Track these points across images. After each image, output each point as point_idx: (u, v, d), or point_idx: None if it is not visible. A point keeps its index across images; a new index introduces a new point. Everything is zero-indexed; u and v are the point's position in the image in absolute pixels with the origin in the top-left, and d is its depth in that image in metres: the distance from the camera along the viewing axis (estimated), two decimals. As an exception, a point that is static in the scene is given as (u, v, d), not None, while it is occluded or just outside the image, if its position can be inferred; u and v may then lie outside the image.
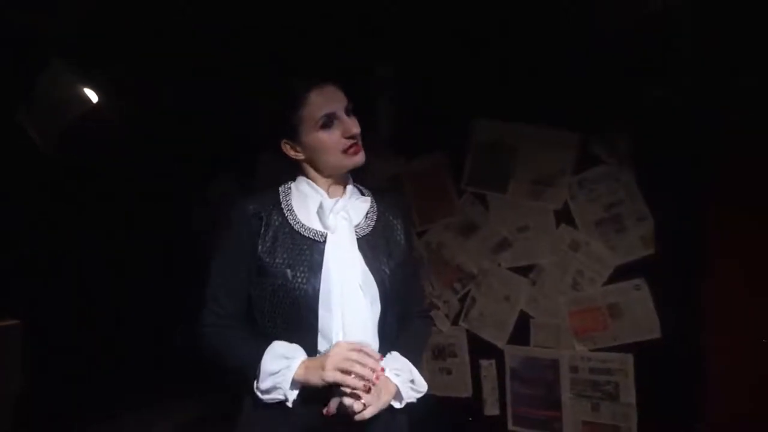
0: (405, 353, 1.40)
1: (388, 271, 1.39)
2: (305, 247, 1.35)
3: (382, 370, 1.29)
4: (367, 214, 1.45)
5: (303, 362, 1.30)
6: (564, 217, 2.59)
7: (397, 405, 1.35)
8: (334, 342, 1.31)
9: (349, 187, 1.47)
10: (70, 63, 2.69)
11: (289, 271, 1.32)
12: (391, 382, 1.33)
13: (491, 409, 2.74)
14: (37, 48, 2.59)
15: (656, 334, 2.45)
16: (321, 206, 1.38)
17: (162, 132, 3.23)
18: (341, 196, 1.43)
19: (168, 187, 3.34)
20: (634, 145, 2.47)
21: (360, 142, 1.39)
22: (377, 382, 1.26)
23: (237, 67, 3.08)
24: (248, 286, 1.37)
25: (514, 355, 2.70)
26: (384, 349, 1.39)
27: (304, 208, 1.40)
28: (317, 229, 1.38)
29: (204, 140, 3.29)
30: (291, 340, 1.33)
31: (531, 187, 2.64)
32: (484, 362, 2.75)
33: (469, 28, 2.64)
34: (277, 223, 1.37)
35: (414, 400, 1.38)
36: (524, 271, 2.67)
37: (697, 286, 2.35)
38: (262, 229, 1.36)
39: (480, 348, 2.76)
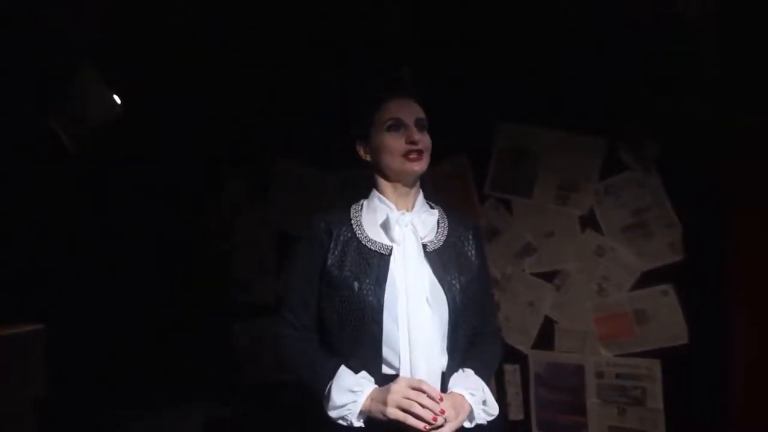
0: (477, 372, 1.41)
1: (458, 285, 1.40)
2: (372, 260, 1.39)
3: (442, 412, 1.28)
4: (438, 228, 1.48)
5: (369, 395, 1.32)
6: (590, 222, 2.58)
7: (467, 425, 1.37)
8: (401, 353, 1.33)
9: (419, 201, 1.50)
10: (99, 66, 2.68)
11: (356, 283, 1.36)
12: (467, 401, 1.35)
13: (516, 414, 2.74)
14: (67, 51, 2.58)
15: (684, 340, 2.45)
16: (387, 219, 1.42)
17: (187, 135, 3.21)
18: (409, 210, 1.47)
19: (193, 190, 3.32)
20: (661, 151, 2.46)
21: (424, 154, 1.45)
22: (436, 422, 1.27)
23: (258, 70, 3.06)
24: (319, 299, 1.43)
25: (538, 360, 2.69)
26: (453, 365, 1.41)
27: (373, 223, 1.44)
28: (383, 243, 1.41)
29: (222, 145, 3.27)
30: (358, 351, 1.36)
31: (556, 193, 2.63)
32: (508, 367, 2.75)
33: (494, 32, 2.62)
34: (346, 237, 1.43)
35: (484, 422, 1.39)
36: (549, 276, 2.66)
37: (725, 291, 2.35)
38: (332, 243, 1.42)
39: (504, 353, 2.74)
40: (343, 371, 1.35)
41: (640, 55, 2.41)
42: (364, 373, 1.35)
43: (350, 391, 1.31)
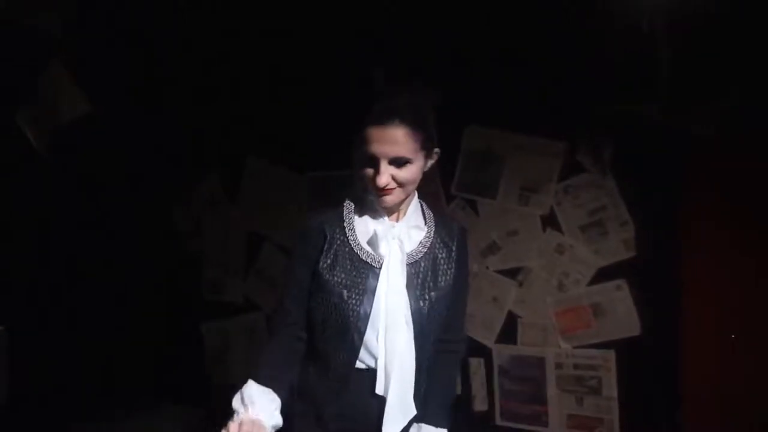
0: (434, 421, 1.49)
1: (428, 299, 1.43)
2: (362, 269, 1.41)
3: None
4: (420, 240, 1.47)
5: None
6: (550, 222, 2.74)
7: None
8: (378, 355, 1.41)
9: (411, 209, 1.48)
10: (68, 63, 2.67)
11: (345, 291, 1.40)
12: None
13: (480, 405, 2.86)
14: (37, 48, 2.57)
15: (636, 332, 2.62)
16: (375, 235, 1.42)
17: (157, 135, 3.22)
18: (400, 219, 1.46)
19: (163, 190, 3.33)
20: (616, 154, 2.63)
21: (396, 190, 1.38)
22: None
23: (230, 72, 3.10)
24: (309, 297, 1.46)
25: (502, 353, 2.82)
26: (420, 379, 1.45)
27: (364, 229, 1.45)
28: (374, 254, 1.43)
29: (193, 145, 3.29)
30: (336, 351, 1.42)
31: (519, 193, 2.77)
32: (473, 360, 2.86)
33: (461, 39, 2.74)
34: (338, 241, 1.43)
35: None
36: (512, 273, 2.80)
37: (674, 286, 2.54)
38: (326, 245, 1.43)
39: (469, 347, 2.85)
40: (254, 386, 1.37)
41: (598, 64, 2.56)
42: (267, 395, 1.37)
43: (241, 402, 1.34)
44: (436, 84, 2.82)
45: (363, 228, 1.45)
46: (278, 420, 1.36)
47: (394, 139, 1.33)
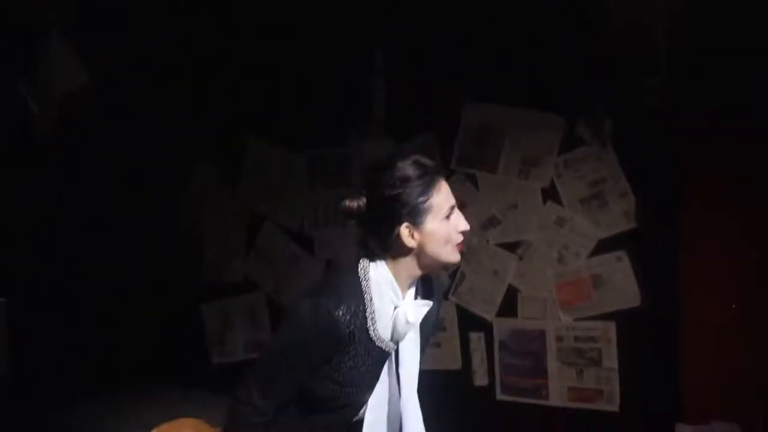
0: None
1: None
2: (377, 356, 1.34)
3: None
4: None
5: None
6: (550, 194, 2.75)
7: None
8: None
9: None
10: (70, 40, 2.68)
11: (357, 382, 1.34)
12: None
13: (480, 380, 2.86)
14: (37, 25, 2.58)
15: (636, 303, 2.63)
16: (405, 323, 1.32)
17: (156, 116, 3.22)
18: (407, 293, 1.36)
19: (162, 171, 3.32)
20: (616, 127, 2.65)
21: None
22: None
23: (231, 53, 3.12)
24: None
25: (502, 327, 2.83)
26: None
27: (383, 316, 1.32)
28: (390, 342, 1.35)
29: (192, 123, 3.30)
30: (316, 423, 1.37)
31: (519, 167, 2.79)
32: (473, 335, 2.87)
33: (461, 14, 2.76)
34: (361, 336, 1.31)
35: None
36: (512, 246, 2.81)
37: (674, 257, 2.55)
38: (347, 343, 1.29)
39: (469, 321, 2.88)
40: None
41: (597, 39, 2.59)
42: None
43: None
44: (436, 59, 2.87)
45: (382, 314, 1.32)
46: None
47: None
